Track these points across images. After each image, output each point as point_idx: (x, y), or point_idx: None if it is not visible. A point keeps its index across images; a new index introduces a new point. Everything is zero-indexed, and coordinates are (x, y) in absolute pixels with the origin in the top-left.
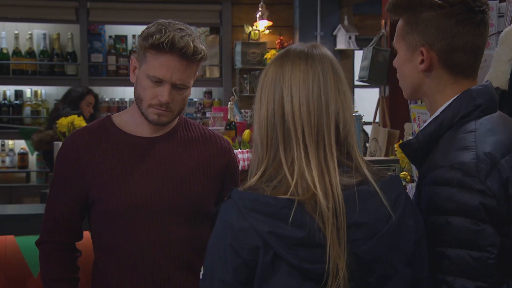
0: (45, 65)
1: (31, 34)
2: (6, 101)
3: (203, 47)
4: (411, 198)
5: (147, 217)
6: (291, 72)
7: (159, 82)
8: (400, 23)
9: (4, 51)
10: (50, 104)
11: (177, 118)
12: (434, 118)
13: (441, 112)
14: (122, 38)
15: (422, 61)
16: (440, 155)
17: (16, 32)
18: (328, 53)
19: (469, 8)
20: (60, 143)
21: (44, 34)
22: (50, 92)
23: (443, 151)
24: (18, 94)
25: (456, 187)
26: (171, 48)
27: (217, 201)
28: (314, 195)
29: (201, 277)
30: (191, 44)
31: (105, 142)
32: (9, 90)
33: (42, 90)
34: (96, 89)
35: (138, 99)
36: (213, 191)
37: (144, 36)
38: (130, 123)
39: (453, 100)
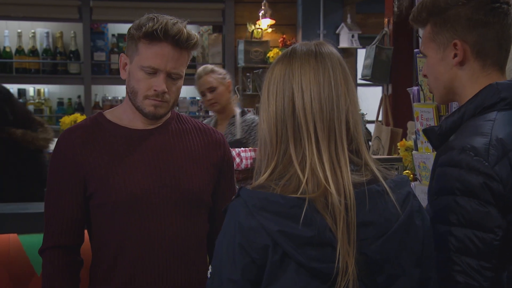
0: (48, 63)
1: (34, 32)
2: None
3: (196, 34)
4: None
5: (146, 208)
6: (301, 69)
7: (153, 72)
8: (426, 29)
9: (7, 49)
10: (53, 102)
11: (170, 112)
12: (458, 108)
13: (465, 103)
14: (125, 37)
15: (455, 55)
16: (454, 139)
17: (19, 30)
18: (335, 51)
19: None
20: None
21: (47, 33)
22: (53, 91)
23: (458, 135)
24: (21, 93)
25: (464, 169)
26: (164, 35)
27: (214, 194)
28: (325, 191)
29: (208, 275)
30: (184, 30)
31: (100, 136)
32: (12, 88)
33: (45, 88)
34: (99, 88)
35: (132, 93)
36: (210, 182)
37: (136, 27)
38: (123, 118)
39: (478, 92)
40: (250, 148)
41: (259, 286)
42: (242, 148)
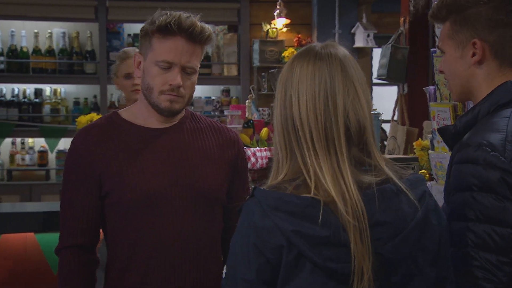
0: (65, 63)
1: (51, 33)
2: (26, 99)
3: (209, 27)
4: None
5: (161, 207)
6: (299, 76)
7: (168, 67)
8: (445, 26)
9: (24, 49)
10: (70, 102)
11: (184, 111)
12: (472, 107)
13: (480, 101)
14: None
15: (474, 54)
16: (470, 136)
17: (36, 31)
18: (340, 52)
19: None
20: None
21: (64, 33)
22: (70, 91)
23: (473, 132)
24: (38, 93)
25: (481, 165)
26: (178, 28)
27: (228, 192)
28: (333, 199)
29: (223, 275)
30: (198, 23)
31: (115, 135)
32: (29, 88)
33: (61, 88)
34: (114, 87)
35: (147, 89)
36: (224, 180)
37: (149, 22)
38: (138, 116)
39: (493, 90)
40: (266, 147)
41: (274, 287)
42: (257, 148)
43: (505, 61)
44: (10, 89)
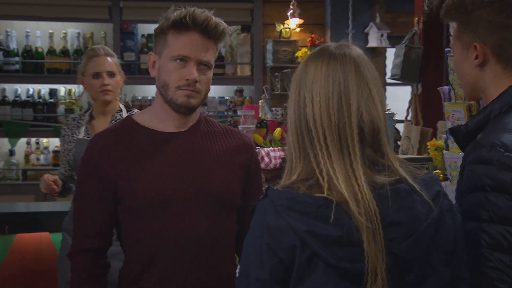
0: (79, 63)
1: (65, 33)
2: (40, 100)
3: (223, 22)
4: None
5: (176, 210)
6: (313, 77)
7: (184, 62)
8: (455, 27)
9: (39, 50)
10: (84, 102)
11: (198, 114)
12: (484, 107)
13: (491, 102)
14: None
15: (477, 57)
16: (483, 137)
17: (50, 31)
18: (354, 52)
19: None
20: None
21: (78, 33)
22: None
23: (486, 133)
24: (53, 93)
25: (495, 166)
26: (193, 22)
27: (243, 197)
28: (346, 200)
29: (237, 275)
30: (212, 18)
31: (130, 140)
32: (44, 88)
33: (76, 88)
34: (129, 88)
35: (163, 86)
36: (239, 184)
37: (165, 18)
38: (153, 120)
39: (504, 91)
40: (279, 147)
41: (287, 286)
42: (271, 148)
43: (509, 63)
44: (25, 89)
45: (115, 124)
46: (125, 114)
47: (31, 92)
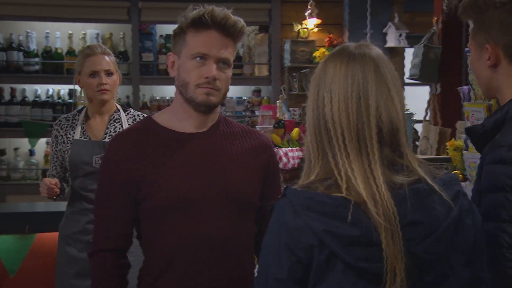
0: None
1: (85, 34)
2: (60, 100)
3: (241, 20)
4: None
5: (197, 211)
6: (332, 77)
7: (203, 60)
8: (470, 26)
9: (59, 50)
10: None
11: (218, 115)
12: (500, 107)
13: (508, 101)
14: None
15: (489, 58)
16: (501, 137)
17: (70, 32)
18: (373, 52)
19: None
20: None
21: (97, 34)
22: None
23: (504, 133)
24: (72, 93)
25: None
26: (212, 20)
27: (261, 197)
28: (364, 200)
29: (255, 274)
30: (231, 16)
31: (150, 140)
32: (63, 89)
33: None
34: (147, 88)
35: (183, 85)
36: (258, 184)
37: (183, 16)
38: (173, 120)
39: None
40: (297, 147)
41: (305, 286)
42: (289, 148)
43: None
44: (44, 90)
45: (135, 124)
46: (123, 114)
47: (50, 92)
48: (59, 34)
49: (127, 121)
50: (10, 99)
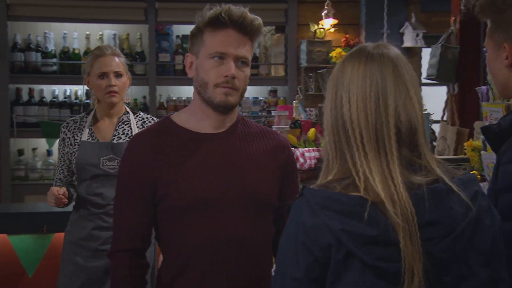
0: None
1: (102, 34)
2: (77, 100)
3: (258, 18)
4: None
5: (215, 212)
6: (350, 77)
7: (221, 58)
8: (488, 25)
9: (76, 51)
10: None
11: (236, 115)
12: None
13: None
14: (189, 38)
15: (507, 57)
16: None
17: (87, 32)
18: (392, 52)
19: None
20: None
21: (114, 35)
22: None
23: None
24: (89, 93)
25: None
26: (229, 18)
27: (279, 197)
28: (382, 200)
29: (272, 273)
30: (248, 14)
31: (169, 141)
32: (80, 89)
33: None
34: (163, 88)
35: (202, 85)
36: (276, 185)
37: (201, 16)
38: (191, 120)
39: None
40: (314, 148)
41: (323, 285)
42: (306, 148)
43: None
44: (62, 90)
45: (153, 124)
46: (132, 116)
47: (68, 93)
48: (77, 35)
49: (136, 124)
50: (28, 100)
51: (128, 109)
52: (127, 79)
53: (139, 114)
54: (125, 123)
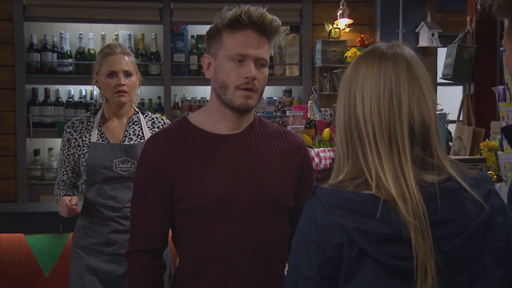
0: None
1: (117, 35)
2: (93, 101)
3: (277, 18)
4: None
5: (231, 213)
6: (364, 76)
7: (241, 60)
8: (506, 24)
9: (92, 51)
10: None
11: (253, 115)
12: None
13: None
14: (204, 38)
15: None
16: None
17: (103, 33)
18: (406, 52)
19: None
20: None
21: (129, 35)
22: None
23: None
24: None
25: None
26: (249, 19)
27: (295, 197)
28: (394, 199)
29: (285, 273)
30: (267, 14)
31: (186, 141)
32: (96, 90)
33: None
34: (178, 88)
35: (222, 87)
36: (292, 186)
37: (219, 17)
38: (208, 121)
39: None
40: (329, 148)
41: (335, 284)
42: (321, 148)
43: None
44: (78, 90)
45: (170, 125)
46: (141, 116)
47: (83, 93)
48: (92, 35)
49: (146, 124)
50: (44, 100)
51: (137, 109)
52: (137, 79)
53: (148, 114)
54: (135, 123)
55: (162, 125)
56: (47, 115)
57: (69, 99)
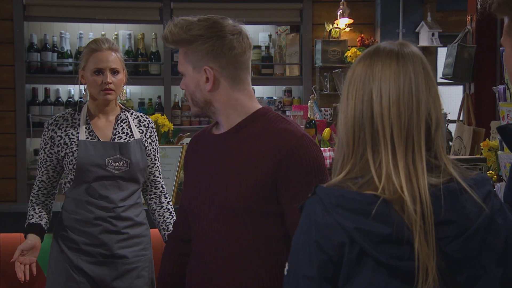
0: (130, 64)
1: (117, 34)
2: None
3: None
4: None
5: (196, 216)
6: (381, 72)
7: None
8: (506, 22)
9: None
10: (135, 102)
11: (246, 112)
12: None
13: None
14: None
15: None
16: None
17: (103, 32)
18: (418, 51)
19: None
20: None
21: (129, 35)
22: (135, 91)
23: None
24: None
25: None
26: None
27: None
28: (401, 198)
29: (285, 273)
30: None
31: (199, 142)
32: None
33: (127, 89)
34: (178, 88)
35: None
36: (260, 190)
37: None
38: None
39: None
40: (329, 148)
41: (336, 284)
42: (321, 148)
43: None
44: (78, 90)
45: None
46: (128, 114)
47: (83, 92)
48: (92, 35)
49: (133, 121)
50: (44, 100)
51: (123, 107)
52: (124, 76)
53: (133, 112)
54: (123, 121)
55: (147, 123)
56: (47, 115)
57: (69, 99)
